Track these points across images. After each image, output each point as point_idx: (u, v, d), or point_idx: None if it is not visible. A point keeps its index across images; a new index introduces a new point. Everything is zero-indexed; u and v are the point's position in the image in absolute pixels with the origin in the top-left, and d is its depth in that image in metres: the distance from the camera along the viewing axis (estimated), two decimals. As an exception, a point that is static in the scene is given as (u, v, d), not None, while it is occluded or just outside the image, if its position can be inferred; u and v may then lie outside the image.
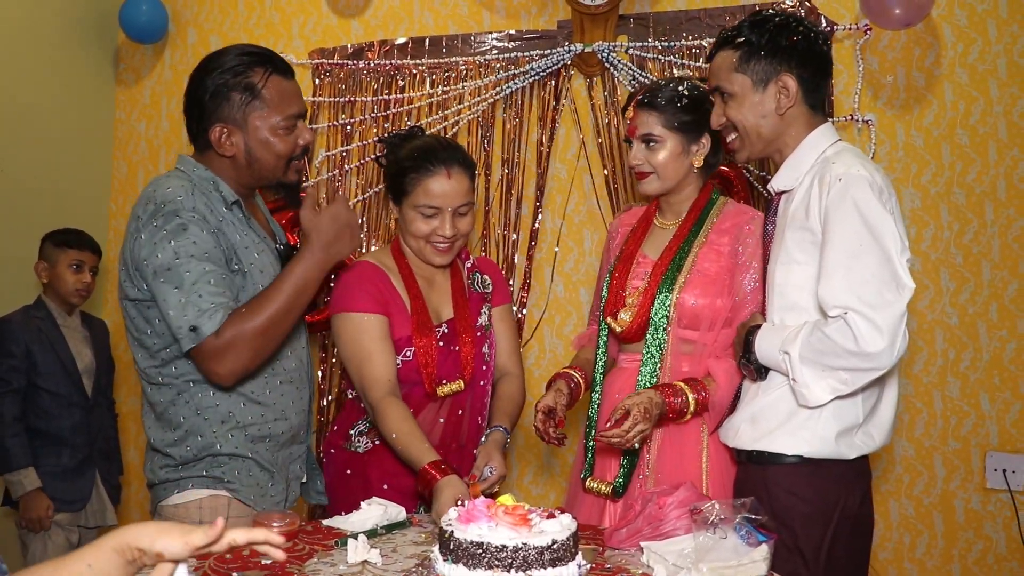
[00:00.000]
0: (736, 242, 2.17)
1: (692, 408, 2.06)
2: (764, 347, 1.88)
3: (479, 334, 2.32)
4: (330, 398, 3.53)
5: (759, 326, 1.93)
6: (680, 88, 2.24)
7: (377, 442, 2.24)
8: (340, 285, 2.27)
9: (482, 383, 2.31)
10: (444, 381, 2.23)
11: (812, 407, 1.83)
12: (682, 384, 2.08)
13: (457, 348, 2.27)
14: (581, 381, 2.32)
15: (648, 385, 2.14)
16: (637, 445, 2.04)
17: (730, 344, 2.11)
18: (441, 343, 2.25)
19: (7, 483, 3.13)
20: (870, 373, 1.76)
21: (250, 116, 2.02)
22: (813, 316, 1.85)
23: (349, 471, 2.28)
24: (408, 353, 2.22)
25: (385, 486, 2.21)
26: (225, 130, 2.03)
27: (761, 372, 1.91)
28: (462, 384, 2.25)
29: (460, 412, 2.27)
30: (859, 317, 1.70)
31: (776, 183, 2.00)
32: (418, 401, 2.23)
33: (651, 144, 2.23)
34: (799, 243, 1.88)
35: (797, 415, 1.86)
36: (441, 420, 2.26)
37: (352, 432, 2.28)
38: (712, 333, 2.15)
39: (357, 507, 1.99)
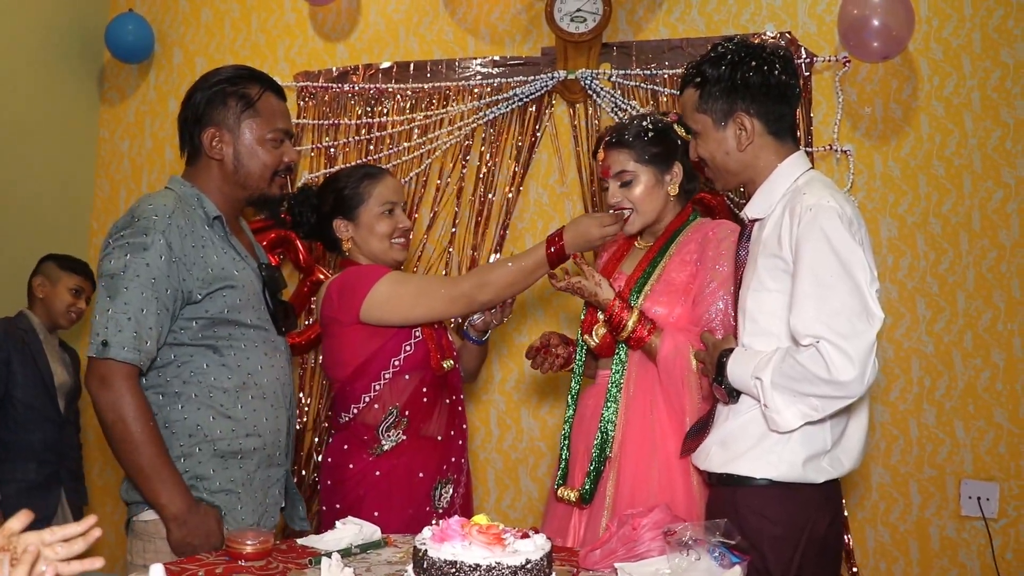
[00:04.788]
0: (700, 247, 2.25)
1: (628, 330, 2.19)
2: (736, 371, 1.90)
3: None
4: (304, 420, 3.53)
5: (732, 349, 1.95)
6: (644, 123, 2.33)
7: (405, 437, 2.33)
8: (349, 279, 2.34)
9: (456, 366, 2.49)
10: (444, 357, 2.41)
11: (783, 432, 1.84)
12: (637, 310, 2.20)
13: (439, 325, 2.44)
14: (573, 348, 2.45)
15: (616, 394, 2.24)
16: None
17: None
18: (435, 325, 2.41)
19: None
20: (840, 401, 1.78)
21: (243, 123, 2.13)
22: (783, 342, 1.87)
23: (378, 472, 2.31)
24: (418, 333, 2.35)
25: (421, 474, 2.33)
26: (217, 134, 2.12)
27: (733, 395, 1.93)
28: (452, 363, 2.43)
29: (452, 396, 2.45)
30: (830, 346, 1.73)
31: (749, 211, 2.04)
32: (429, 383, 2.37)
33: (627, 182, 2.31)
34: (770, 271, 1.91)
35: (766, 439, 1.88)
36: (447, 401, 2.42)
37: (379, 431, 2.32)
38: None
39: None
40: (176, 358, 2.02)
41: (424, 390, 2.36)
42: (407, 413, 2.33)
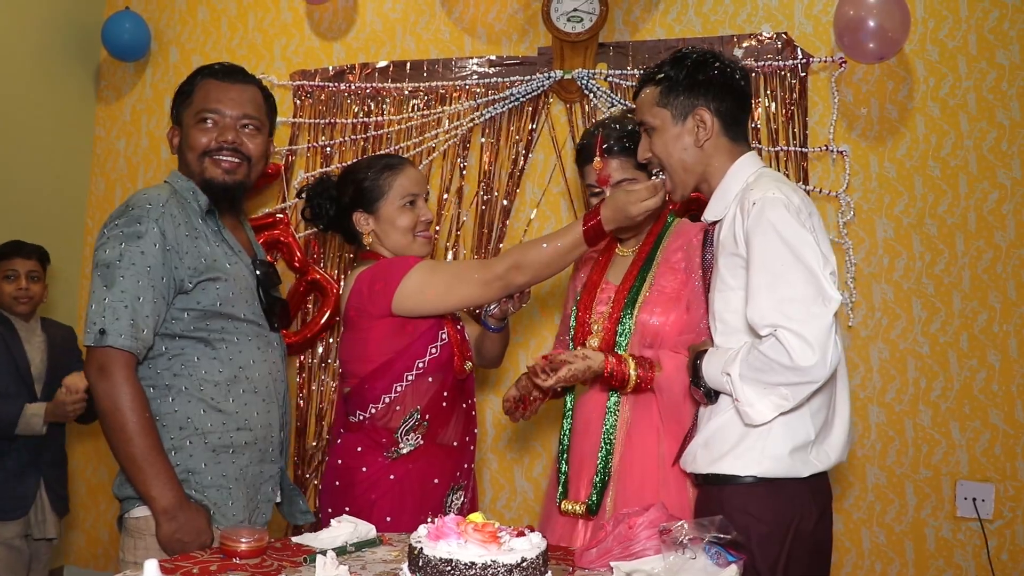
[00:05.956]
0: (687, 255, 2.24)
1: (633, 382, 2.14)
2: (709, 370, 1.92)
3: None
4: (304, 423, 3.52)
5: (707, 351, 1.96)
6: (637, 128, 2.26)
7: (423, 441, 2.28)
8: (379, 271, 2.27)
9: (473, 368, 2.45)
10: (465, 359, 2.38)
11: (757, 424, 1.85)
12: (629, 357, 2.16)
13: (460, 326, 2.42)
14: None
15: (617, 403, 2.22)
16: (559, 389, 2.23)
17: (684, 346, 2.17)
18: (459, 326, 2.40)
19: None
20: (807, 387, 1.79)
21: (184, 113, 2.17)
22: (751, 337, 1.88)
23: (392, 476, 2.26)
24: (444, 335, 2.31)
25: (436, 480, 2.29)
26: (173, 130, 2.20)
27: (711, 396, 1.94)
28: (471, 364, 2.41)
29: (468, 401, 2.42)
30: (788, 333, 1.74)
31: (707, 214, 2.07)
32: (449, 387, 2.33)
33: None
34: (731, 269, 1.93)
35: (748, 436, 1.88)
36: (463, 406, 2.38)
37: (399, 434, 2.26)
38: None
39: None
40: (167, 350, 2.02)
41: (445, 394, 2.31)
42: (427, 417, 2.28)
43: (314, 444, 3.53)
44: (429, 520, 1.58)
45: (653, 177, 2.16)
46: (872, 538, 3.06)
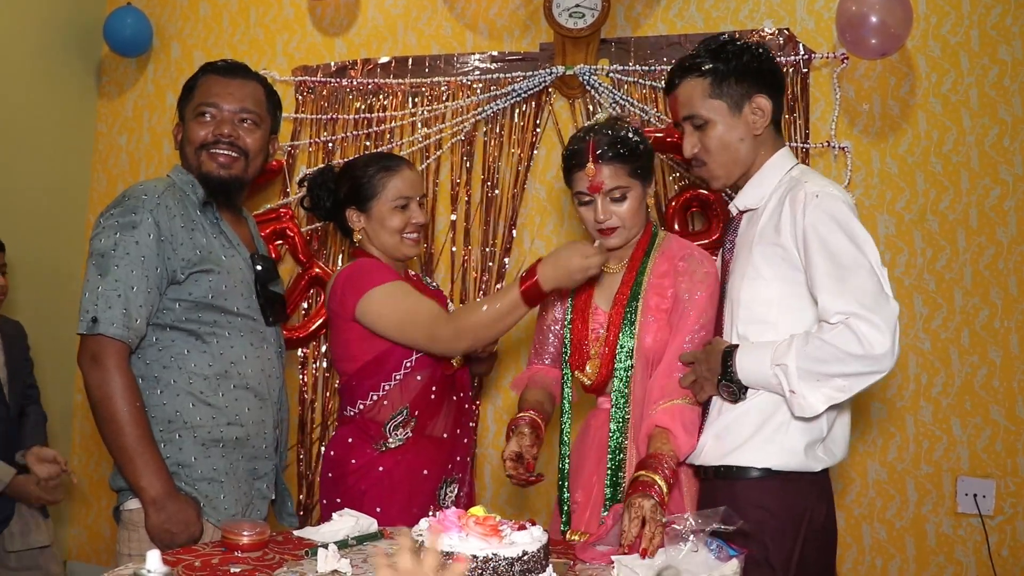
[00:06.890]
0: (674, 282, 2.15)
1: (667, 490, 1.86)
2: (748, 363, 1.87)
3: None
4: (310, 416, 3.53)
5: (736, 346, 1.92)
6: (632, 136, 2.19)
7: (412, 434, 2.29)
8: (353, 274, 2.27)
9: (465, 364, 2.46)
10: None
11: (808, 418, 1.83)
12: (655, 477, 1.86)
13: None
14: (539, 420, 2.22)
15: (621, 426, 2.10)
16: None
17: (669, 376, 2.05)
18: None
19: None
20: (872, 376, 1.78)
21: (185, 109, 2.19)
22: (780, 331, 1.87)
23: (381, 468, 2.27)
24: None
25: (425, 472, 2.29)
26: (178, 126, 2.23)
27: (741, 392, 1.91)
28: (460, 360, 2.39)
29: (460, 394, 2.42)
30: (861, 321, 1.74)
31: (740, 202, 2.04)
32: (438, 381, 2.34)
33: (618, 197, 2.16)
34: (768, 259, 1.91)
35: (765, 428, 1.88)
36: (455, 398, 2.39)
37: (387, 428, 2.27)
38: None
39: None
40: (158, 341, 2.03)
41: (433, 388, 2.32)
42: (416, 412, 2.28)
43: (319, 443, 3.54)
44: (431, 513, 1.58)
45: (596, 242, 2.11)
46: (873, 534, 3.07)
